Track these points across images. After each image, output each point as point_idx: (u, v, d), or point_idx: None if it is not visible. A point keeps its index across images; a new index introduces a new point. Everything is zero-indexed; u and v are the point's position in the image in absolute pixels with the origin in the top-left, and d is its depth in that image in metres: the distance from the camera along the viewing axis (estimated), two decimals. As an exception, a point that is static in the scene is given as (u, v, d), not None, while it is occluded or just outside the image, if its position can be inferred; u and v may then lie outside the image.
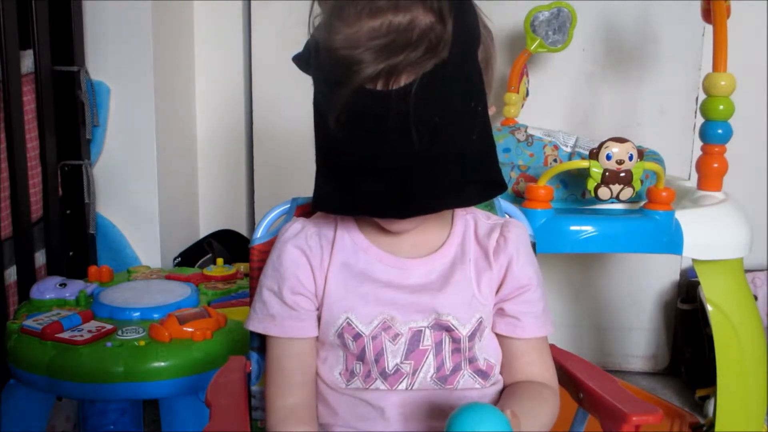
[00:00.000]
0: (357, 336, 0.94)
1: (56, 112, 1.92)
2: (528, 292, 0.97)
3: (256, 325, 0.98)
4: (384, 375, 0.94)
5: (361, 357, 0.94)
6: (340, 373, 0.96)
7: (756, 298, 2.08)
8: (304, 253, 0.96)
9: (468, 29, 0.84)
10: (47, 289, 1.70)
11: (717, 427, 1.59)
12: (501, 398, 0.97)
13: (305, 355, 0.97)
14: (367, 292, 0.94)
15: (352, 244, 0.97)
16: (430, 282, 0.95)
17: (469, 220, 0.99)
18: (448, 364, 0.95)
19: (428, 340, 0.94)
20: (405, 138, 0.81)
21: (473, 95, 0.86)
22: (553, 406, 0.96)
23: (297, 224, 0.99)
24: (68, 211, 2.00)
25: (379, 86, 0.81)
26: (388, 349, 0.94)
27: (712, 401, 1.80)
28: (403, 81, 0.80)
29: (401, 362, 0.94)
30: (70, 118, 1.96)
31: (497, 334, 0.99)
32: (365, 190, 0.85)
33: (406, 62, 0.80)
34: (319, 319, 0.96)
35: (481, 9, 0.90)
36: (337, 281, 0.95)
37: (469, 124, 0.86)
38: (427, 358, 0.95)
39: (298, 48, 0.97)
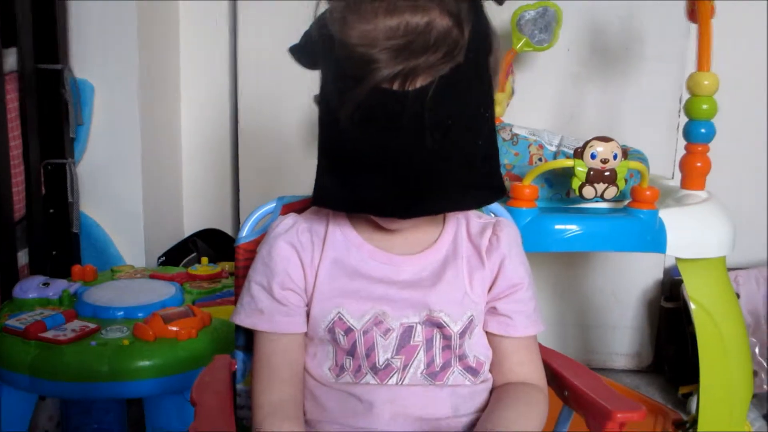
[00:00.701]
0: (348, 330, 0.94)
1: (40, 110, 1.90)
2: (520, 291, 0.98)
3: (243, 319, 0.98)
4: (374, 369, 0.94)
5: (351, 352, 0.95)
6: (329, 369, 0.96)
7: (738, 296, 2.10)
8: (295, 248, 0.96)
9: (482, 35, 0.85)
10: (30, 288, 1.69)
11: (700, 424, 1.60)
12: (489, 403, 0.97)
13: (293, 351, 0.97)
14: (359, 288, 0.95)
15: (344, 240, 0.97)
16: (422, 279, 0.96)
17: (460, 218, 1.00)
18: (438, 361, 0.95)
19: (419, 335, 0.95)
20: (417, 138, 0.82)
21: (483, 100, 0.87)
22: (543, 409, 0.97)
23: (288, 219, 0.99)
24: (51, 210, 1.98)
25: (396, 86, 0.81)
26: (379, 343, 0.94)
27: (695, 398, 1.81)
28: (420, 83, 0.81)
29: (392, 357, 0.94)
30: (53, 116, 1.95)
31: (488, 333, 0.99)
32: (369, 188, 0.85)
33: (425, 65, 0.80)
34: (307, 314, 0.96)
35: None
36: (328, 277, 0.95)
37: (478, 128, 0.87)
38: (417, 353, 0.95)
39: (285, 46, 0.96)
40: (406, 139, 0.82)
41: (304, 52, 0.92)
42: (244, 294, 0.99)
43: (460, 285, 0.96)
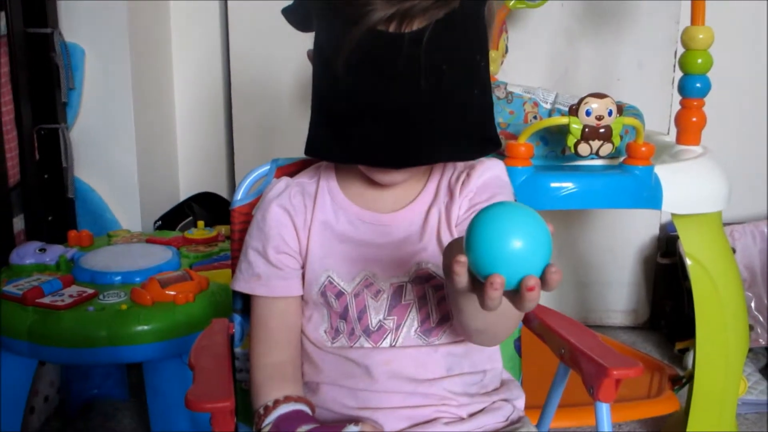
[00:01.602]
0: (339, 294, 0.95)
1: (30, 75, 1.88)
2: (478, 206, 0.93)
3: (242, 286, 0.98)
4: (367, 332, 0.95)
5: (344, 315, 0.95)
6: (325, 332, 0.97)
7: (734, 250, 2.10)
8: (288, 212, 0.96)
9: None
10: (27, 254, 1.69)
11: (696, 379, 1.61)
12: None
13: (290, 313, 0.98)
14: (348, 250, 0.95)
15: (331, 202, 0.97)
16: (410, 234, 0.95)
17: (447, 167, 0.98)
18: (435, 316, 0.95)
19: (410, 294, 0.95)
20: (412, 83, 0.81)
21: (478, 49, 0.86)
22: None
23: (281, 183, 0.99)
24: (46, 176, 1.97)
25: (392, 28, 0.80)
26: (370, 306, 0.94)
27: (691, 353, 1.82)
28: (416, 25, 0.80)
29: (384, 318, 0.95)
30: (44, 81, 1.93)
31: None
32: (363, 138, 0.84)
33: (420, 8, 0.80)
34: (303, 277, 0.97)
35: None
36: (318, 240, 0.96)
37: (472, 77, 0.86)
38: (409, 312, 0.95)
39: (276, 6, 0.95)
40: (402, 84, 0.81)
41: (297, 14, 0.91)
42: (242, 260, 0.99)
43: (443, 233, 0.94)
